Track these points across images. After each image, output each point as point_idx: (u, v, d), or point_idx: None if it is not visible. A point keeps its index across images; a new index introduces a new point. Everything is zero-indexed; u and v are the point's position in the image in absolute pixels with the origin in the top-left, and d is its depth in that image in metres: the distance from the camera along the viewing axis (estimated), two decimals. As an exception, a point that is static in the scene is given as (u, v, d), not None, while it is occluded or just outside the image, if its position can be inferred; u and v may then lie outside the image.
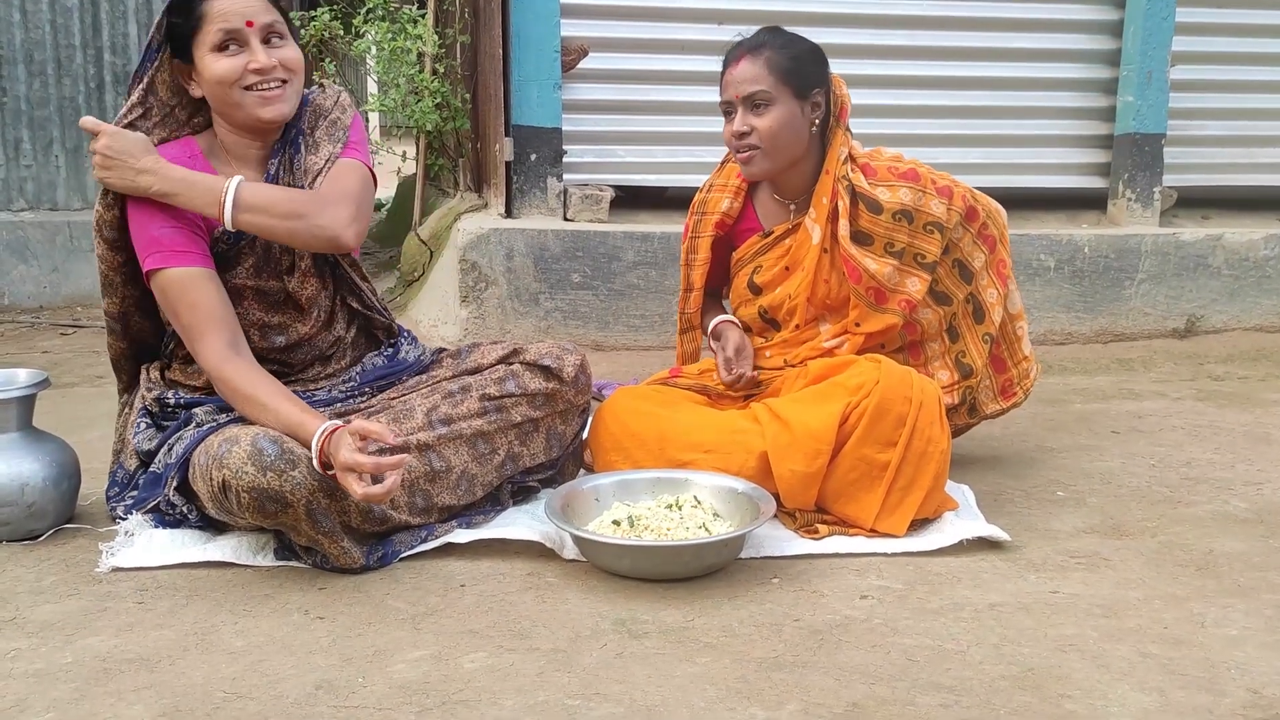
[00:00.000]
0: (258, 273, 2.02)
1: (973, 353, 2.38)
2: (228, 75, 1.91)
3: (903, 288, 2.27)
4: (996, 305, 2.39)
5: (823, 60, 2.28)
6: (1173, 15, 4.17)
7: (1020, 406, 2.51)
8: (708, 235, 2.41)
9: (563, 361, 2.13)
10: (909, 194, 2.24)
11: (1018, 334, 2.45)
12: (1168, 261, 4.08)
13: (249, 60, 1.91)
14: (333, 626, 1.66)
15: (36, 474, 1.99)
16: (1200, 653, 1.59)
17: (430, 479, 1.97)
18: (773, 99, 2.21)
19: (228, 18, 1.89)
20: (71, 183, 4.84)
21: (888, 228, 2.25)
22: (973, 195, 2.34)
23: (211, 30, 1.90)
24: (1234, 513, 2.21)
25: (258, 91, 1.93)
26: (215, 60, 1.91)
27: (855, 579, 1.85)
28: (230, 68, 1.91)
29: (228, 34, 1.90)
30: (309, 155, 2.04)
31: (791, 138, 2.24)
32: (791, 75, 2.21)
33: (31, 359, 3.74)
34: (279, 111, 1.95)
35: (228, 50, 1.91)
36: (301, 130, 2.06)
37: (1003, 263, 2.39)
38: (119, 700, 1.44)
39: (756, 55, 2.22)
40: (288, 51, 1.95)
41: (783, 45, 2.23)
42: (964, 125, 4.28)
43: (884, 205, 2.24)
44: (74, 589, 1.80)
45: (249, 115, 1.95)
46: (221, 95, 1.94)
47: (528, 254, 3.74)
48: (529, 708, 1.42)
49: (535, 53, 3.87)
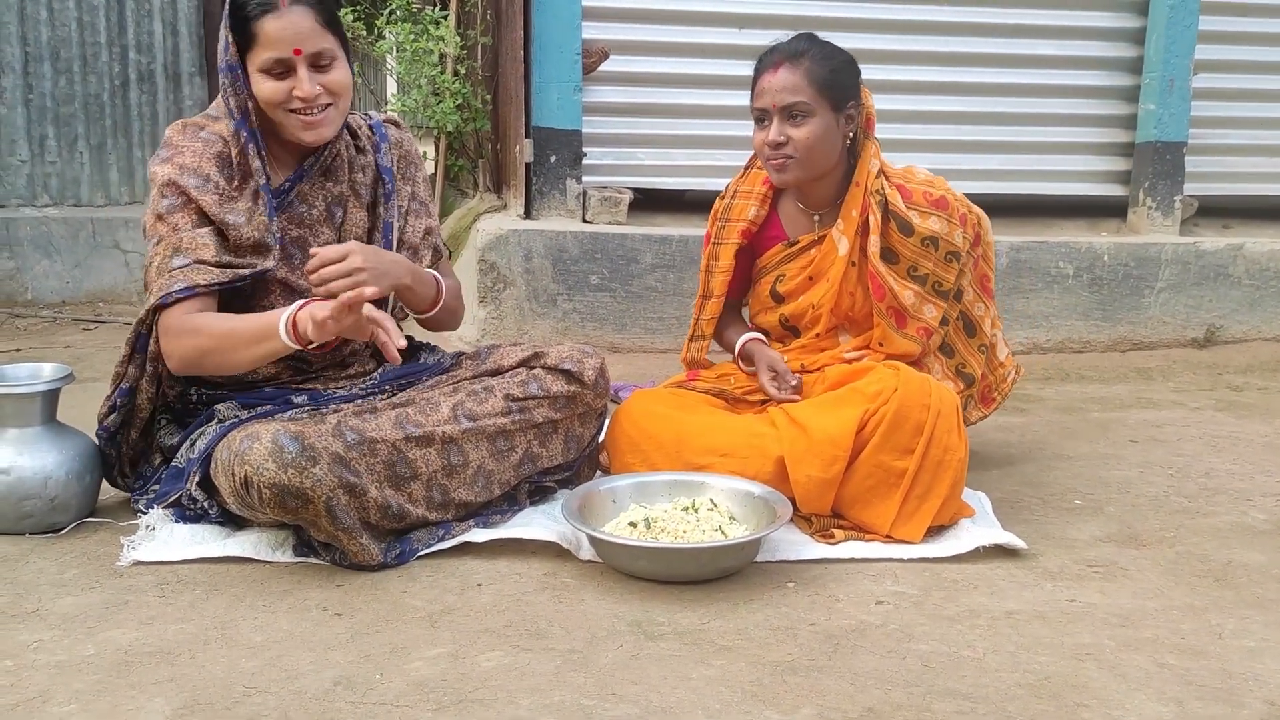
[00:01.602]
0: (289, 265, 2.04)
1: (971, 363, 2.42)
2: (273, 98, 1.94)
3: (921, 314, 2.27)
4: (985, 318, 2.44)
5: (857, 71, 2.27)
6: (1195, 23, 4.15)
7: (1000, 408, 2.56)
8: (732, 243, 2.40)
9: (583, 365, 2.14)
10: (939, 223, 2.25)
11: (993, 341, 2.48)
12: (1188, 270, 4.06)
13: (294, 87, 1.94)
14: (351, 623, 1.67)
15: (60, 467, 2.01)
16: (1218, 664, 1.58)
17: (448, 473, 1.98)
18: (812, 111, 2.19)
19: (277, 44, 1.92)
20: (95, 179, 4.88)
21: (914, 251, 2.25)
22: (978, 221, 2.37)
23: (262, 53, 1.93)
24: (1253, 524, 2.20)
25: (301, 116, 1.96)
26: (263, 80, 1.94)
27: (871, 584, 1.85)
28: (275, 91, 1.94)
29: (276, 61, 1.92)
30: (408, 194, 2.18)
31: (827, 150, 2.23)
32: (830, 87, 2.20)
33: (54, 354, 3.78)
34: (320, 136, 1.99)
35: (275, 73, 1.93)
36: (386, 167, 2.14)
37: (986, 276, 2.44)
38: (140, 692, 1.45)
39: (796, 64, 2.20)
40: (335, 75, 1.97)
41: (823, 56, 2.22)
42: (985, 131, 4.27)
43: (915, 229, 2.24)
44: (96, 582, 1.82)
45: (291, 135, 1.99)
46: (265, 111, 1.98)
47: (546, 255, 3.75)
48: (545, 707, 1.43)
49: (556, 55, 3.88)
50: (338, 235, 2.10)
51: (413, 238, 2.19)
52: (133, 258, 4.75)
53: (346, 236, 2.10)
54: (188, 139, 2.00)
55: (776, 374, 2.27)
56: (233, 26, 1.94)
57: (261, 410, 2.00)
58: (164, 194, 1.97)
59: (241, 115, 1.96)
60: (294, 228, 2.06)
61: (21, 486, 1.98)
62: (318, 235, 2.07)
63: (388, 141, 2.18)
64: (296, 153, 2.07)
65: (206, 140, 2.00)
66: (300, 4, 1.92)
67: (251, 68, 1.95)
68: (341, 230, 2.11)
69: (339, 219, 2.10)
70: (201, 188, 1.95)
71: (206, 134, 2.01)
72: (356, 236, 2.11)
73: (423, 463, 1.94)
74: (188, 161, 1.97)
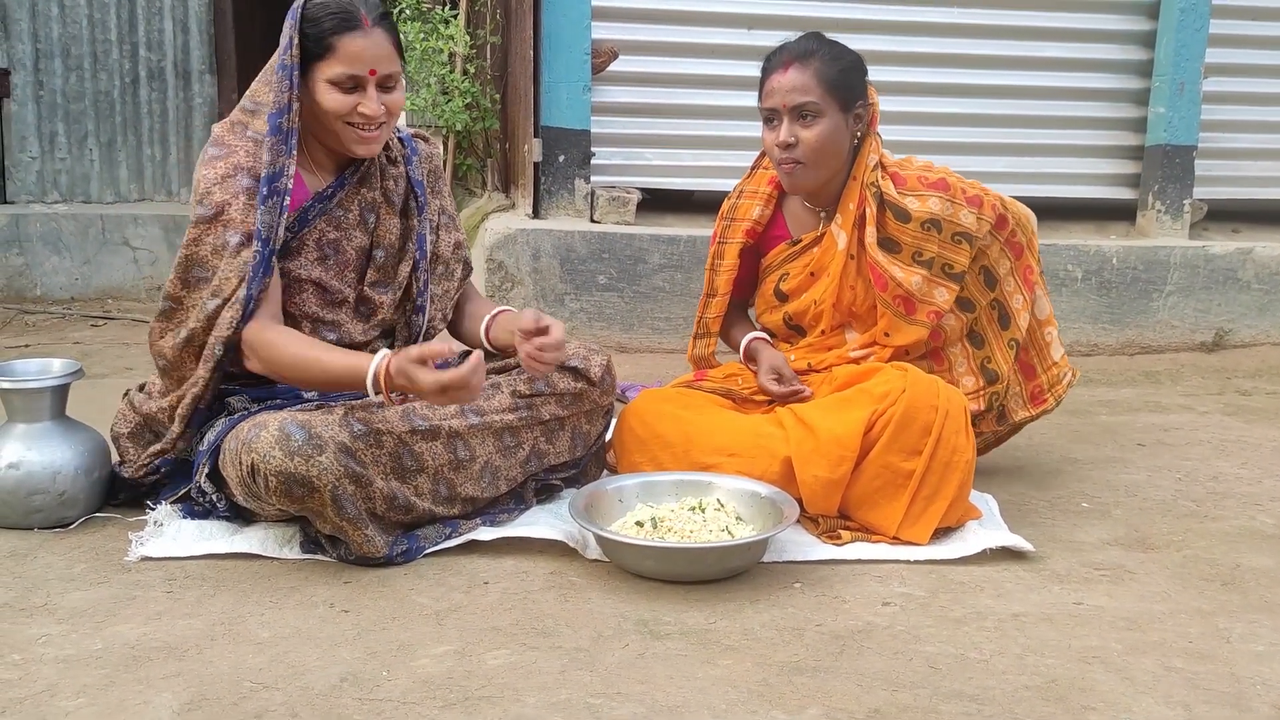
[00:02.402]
0: (323, 265, 2.05)
1: (998, 358, 2.36)
2: (338, 110, 1.96)
3: (930, 298, 2.26)
4: (1022, 311, 2.37)
5: (865, 71, 2.27)
6: (1206, 27, 4.14)
7: (1052, 412, 2.48)
8: (736, 242, 2.41)
9: (590, 362, 2.14)
10: (938, 204, 2.24)
11: (1046, 340, 2.43)
12: (1196, 274, 4.05)
13: (360, 103, 1.96)
14: (358, 620, 1.68)
15: (69, 463, 2.02)
16: (1225, 668, 1.58)
17: (454, 468, 1.99)
18: (821, 111, 2.19)
19: (355, 62, 1.94)
20: (105, 176, 4.90)
21: (916, 237, 2.24)
22: (1003, 203, 2.33)
23: (336, 67, 1.94)
24: (1261, 528, 2.20)
25: (359, 130, 1.98)
26: (329, 91, 1.95)
27: (878, 585, 1.85)
28: (341, 104, 1.95)
29: (350, 77, 1.94)
30: (439, 208, 2.21)
31: (835, 150, 2.23)
32: (839, 87, 2.20)
33: (63, 350, 3.79)
34: (372, 151, 2.03)
35: (345, 87, 1.95)
36: (417, 180, 2.16)
37: (1029, 269, 2.38)
38: (147, 687, 1.46)
39: (806, 64, 2.19)
40: (396, 97, 2.01)
41: (831, 56, 2.21)
42: (994, 134, 4.26)
43: (912, 214, 2.24)
44: (104, 577, 1.83)
45: (342, 145, 2.01)
46: (321, 118, 1.98)
47: (554, 255, 3.75)
48: (551, 705, 1.43)
49: (565, 54, 3.88)
50: (370, 239, 2.12)
51: (445, 251, 2.23)
52: (141, 255, 4.76)
53: (379, 241, 2.13)
54: (236, 137, 2.01)
55: (780, 376, 2.27)
56: (303, 32, 1.94)
57: (271, 403, 2.01)
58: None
59: (280, 111, 1.96)
60: (331, 230, 2.07)
61: (30, 481, 1.99)
62: (351, 239, 2.10)
63: (418, 155, 2.21)
64: (335, 159, 2.09)
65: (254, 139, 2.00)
66: (380, 27, 1.96)
67: (317, 76, 1.95)
68: (374, 234, 2.13)
69: (371, 224, 2.12)
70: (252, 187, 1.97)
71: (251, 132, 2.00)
72: (389, 243, 2.14)
73: (429, 456, 1.95)
74: (241, 161, 1.98)
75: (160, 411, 2.05)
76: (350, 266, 2.10)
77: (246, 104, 2.03)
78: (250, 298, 1.91)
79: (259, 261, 1.92)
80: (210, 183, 1.95)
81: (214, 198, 1.95)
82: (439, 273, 2.22)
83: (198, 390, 1.97)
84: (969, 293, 2.33)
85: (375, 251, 2.13)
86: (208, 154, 1.99)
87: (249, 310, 1.92)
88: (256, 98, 2.01)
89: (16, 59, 4.72)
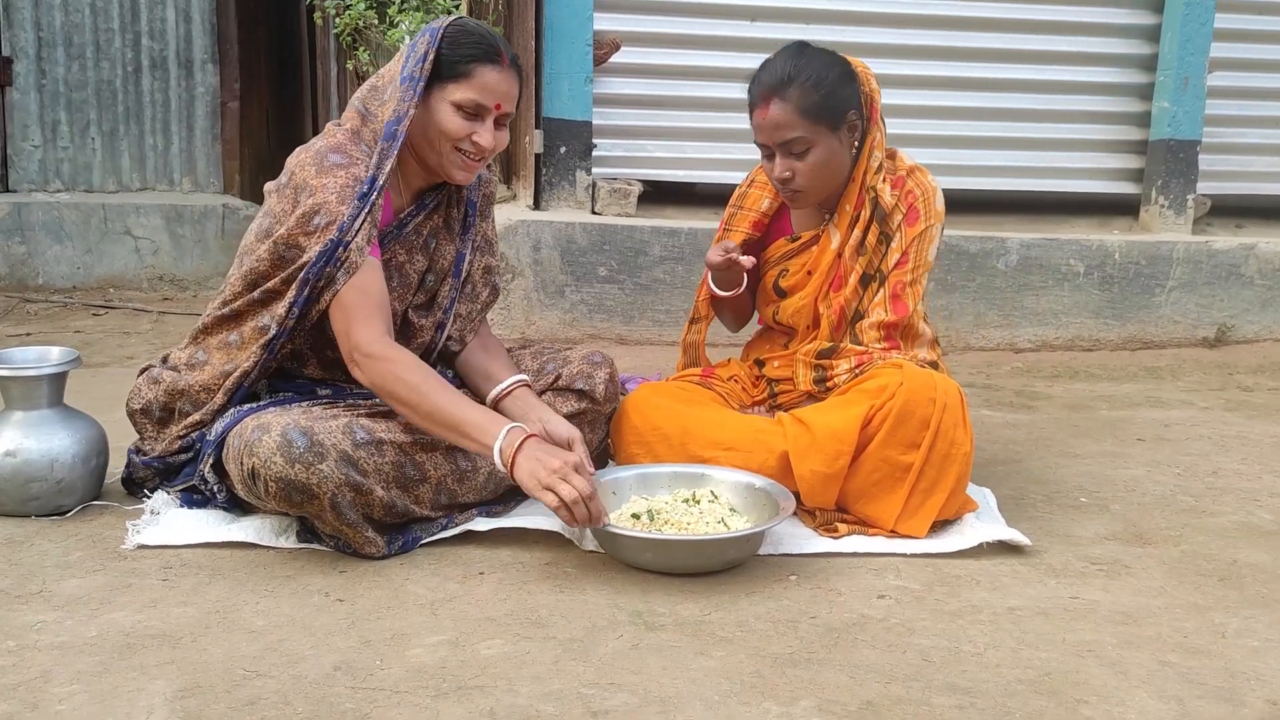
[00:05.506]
0: (389, 288, 2.02)
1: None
2: (453, 133, 1.96)
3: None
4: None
5: (850, 77, 2.19)
6: (1211, 21, 4.12)
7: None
8: (741, 231, 2.39)
9: (593, 380, 2.16)
10: (919, 226, 2.21)
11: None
12: (1199, 270, 4.04)
13: (476, 132, 1.96)
14: (352, 609, 1.68)
15: (66, 450, 2.02)
16: (1220, 663, 1.58)
17: (458, 478, 1.99)
18: (811, 141, 2.14)
19: (486, 92, 1.95)
20: (107, 165, 4.90)
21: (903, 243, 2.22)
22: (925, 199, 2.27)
23: (467, 92, 1.94)
24: (1259, 524, 2.19)
25: (465, 157, 1.99)
26: (452, 113, 1.95)
27: (873, 578, 1.85)
28: (460, 128, 1.96)
29: (478, 105, 1.95)
30: (482, 231, 2.21)
31: (835, 168, 2.20)
32: (824, 111, 2.13)
33: (64, 338, 3.80)
34: (467, 180, 2.05)
35: (467, 113, 1.95)
36: (473, 201, 2.18)
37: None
38: (141, 674, 1.46)
39: (784, 98, 2.12)
40: (504, 135, 2.03)
41: (811, 80, 2.12)
42: (997, 127, 4.26)
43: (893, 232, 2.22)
44: (100, 564, 1.83)
45: (442, 169, 2.01)
46: (432, 137, 1.98)
47: (555, 246, 3.75)
48: (544, 695, 1.43)
49: (568, 46, 3.88)
50: (429, 261, 2.12)
51: (475, 273, 2.22)
52: (143, 244, 4.77)
53: (436, 264, 2.13)
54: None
55: (726, 249, 2.23)
56: (440, 52, 1.94)
57: (282, 398, 2.01)
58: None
59: (398, 119, 1.95)
60: (402, 253, 2.07)
61: (28, 469, 1.99)
62: (415, 262, 2.09)
63: (479, 180, 2.20)
64: (421, 180, 2.08)
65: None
66: (513, 68, 1.99)
67: (443, 96, 1.95)
68: (432, 257, 2.12)
69: (431, 248, 2.12)
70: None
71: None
72: (442, 268, 2.14)
73: (431, 466, 1.95)
74: (361, 174, 1.95)
75: (198, 385, 2.01)
76: (411, 290, 2.09)
77: (359, 107, 2.02)
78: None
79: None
80: (330, 192, 1.91)
81: (331, 208, 1.90)
82: (465, 293, 2.20)
83: (248, 365, 1.96)
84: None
85: (428, 276, 2.12)
86: (328, 160, 1.93)
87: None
88: (369, 106, 2.00)
89: (19, 47, 4.72)
